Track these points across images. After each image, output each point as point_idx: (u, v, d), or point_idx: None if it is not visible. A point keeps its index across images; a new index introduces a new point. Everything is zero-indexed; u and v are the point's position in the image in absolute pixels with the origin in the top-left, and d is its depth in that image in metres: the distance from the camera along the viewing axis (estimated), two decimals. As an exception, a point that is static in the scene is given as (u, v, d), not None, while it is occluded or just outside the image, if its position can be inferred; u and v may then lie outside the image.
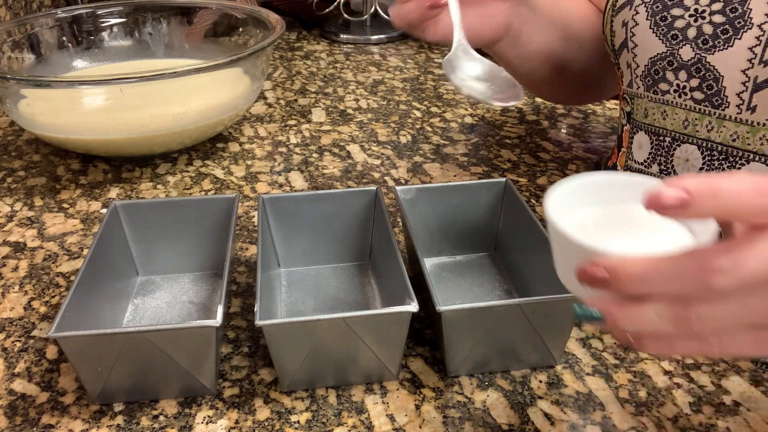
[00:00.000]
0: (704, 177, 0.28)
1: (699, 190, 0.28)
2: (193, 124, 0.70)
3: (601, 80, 0.72)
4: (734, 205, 0.28)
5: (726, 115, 0.49)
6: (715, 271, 0.28)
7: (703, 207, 0.28)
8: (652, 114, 0.55)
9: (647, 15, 0.52)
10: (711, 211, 0.28)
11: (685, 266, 0.29)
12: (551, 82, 0.68)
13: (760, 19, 0.46)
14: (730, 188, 0.28)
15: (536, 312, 0.42)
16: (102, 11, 0.89)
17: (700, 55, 0.49)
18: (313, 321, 0.40)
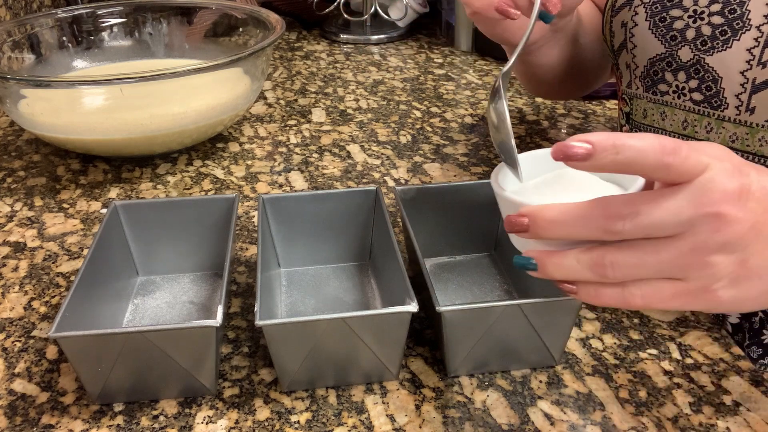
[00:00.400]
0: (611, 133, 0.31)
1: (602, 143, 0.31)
2: (193, 124, 0.70)
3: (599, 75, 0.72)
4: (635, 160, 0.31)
5: (725, 116, 0.49)
6: (615, 216, 0.32)
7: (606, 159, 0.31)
8: (651, 115, 0.54)
9: (646, 16, 0.52)
10: (613, 164, 0.31)
11: (591, 211, 0.32)
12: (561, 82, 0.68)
13: (758, 20, 0.46)
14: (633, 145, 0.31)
15: (536, 312, 0.42)
16: (102, 11, 0.89)
17: (699, 56, 0.49)
18: (313, 321, 0.40)
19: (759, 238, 0.33)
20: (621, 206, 0.32)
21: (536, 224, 0.34)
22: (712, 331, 0.49)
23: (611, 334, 0.49)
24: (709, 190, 0.32)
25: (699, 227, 0.32)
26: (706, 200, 0.32)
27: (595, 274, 0.33)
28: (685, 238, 0.32)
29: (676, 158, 0.31)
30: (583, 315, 0.51)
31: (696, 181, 0.32)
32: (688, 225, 0.32)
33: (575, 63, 0.66)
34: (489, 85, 0.98)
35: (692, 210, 0.32)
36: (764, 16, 0.46)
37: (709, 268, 0.33)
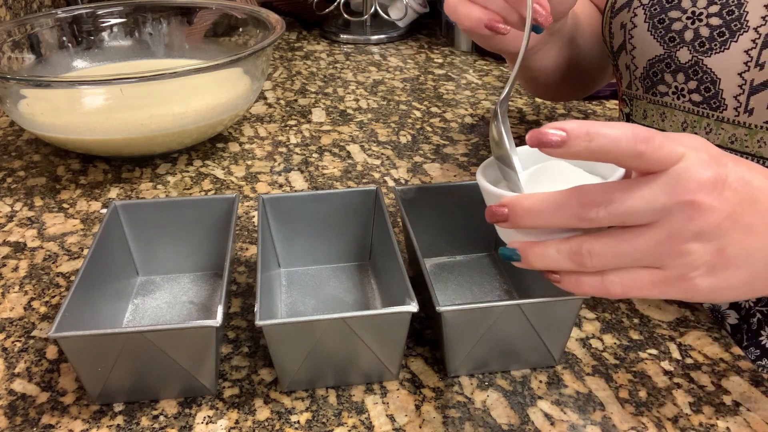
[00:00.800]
0: (585, 122, 0.32)
1: (576, 131, 0.31)
2: (193, 124, 0.70)
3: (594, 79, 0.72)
4: (609, 148, 0.32)
5: (724, 117, 0.49)
6: (590, 204, 0.33)
7: (579, 146, 0.31)
8: (651, 116, 0.55)
9: (645, 17, 0.52)
10: (586, 151, 0.32)
11: (566, 199, 0.33)
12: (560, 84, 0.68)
13: (756, 22, 0.46)
14: (607, 133, 0.31)
15: (536, 312, 0.42)
16: (102, 11, 0.89)
17: (698, 57, 0.49)
18: (313, 321, 0.40)
19: (736, 227, 0.33)
20: (596, 194, 0.33)
21: (515, 213, 0.35)
22: (712, 331, 0.49)
23: (611, 334, 0.49)
24: (684, 179, 0.32)
25: (674, 216, 0.32)
26: (680, 189, 0.32)
27: (574, 263, 0.34)
28: (661, 226, 0.33)
29: (648, 146, 0.32)
30: (583, 315, 0.51)
31: (671, 170, 0.32)
32: (662, 213, 0.33)
33: (574, 65, 0.66)
34: (489, 85, 0.98)
35: (666, 198, 0.32)
36: (762, 17, 0.46)
37: (685, 257, 0.33)
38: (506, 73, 1.04)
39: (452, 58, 1.11)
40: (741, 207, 0.33)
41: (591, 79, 0.72)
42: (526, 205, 0.34)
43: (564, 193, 0.33)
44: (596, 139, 0.31)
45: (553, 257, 0.35)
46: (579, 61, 0.66)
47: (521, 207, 0.34)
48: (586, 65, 0.67)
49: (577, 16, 0.65)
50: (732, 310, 0.54)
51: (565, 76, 0.66)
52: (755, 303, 0.53)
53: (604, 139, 0.31)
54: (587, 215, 0.33)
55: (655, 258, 0.34)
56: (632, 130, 0.32)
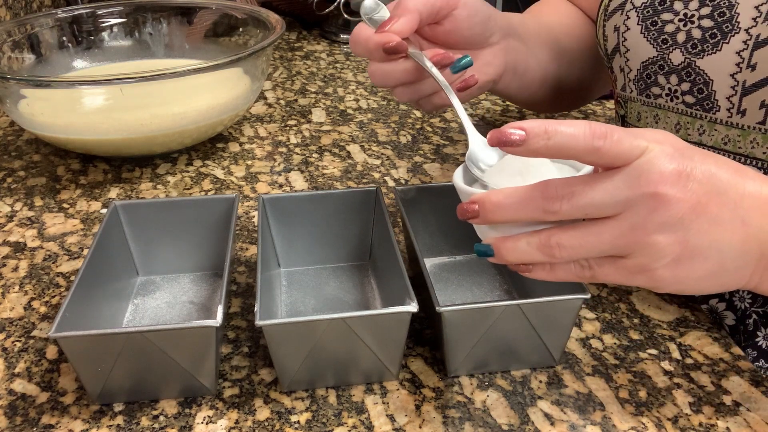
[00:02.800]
0: (544, 120, 0.33)
1: (534, 129, 0.33)
2: (193, 124, 0.70)
3: (597, 84, 0.72)
4: (567, 145, 0.33)
5: (717, 118, 0.49)
6: (553, 197, 0.34)
7: (538, 145, 0.33)
8: (645, 117, 0.55)
9: (638, 20, 0.52)
10: (545, 149, 0.33)
11: (531, 193, 0.35)
12: (551, 99, 0.68)
13: (747, 23, 0.46)
14: (564, 130, 0.33)
15: (536, 312, 0.42)
16: (102, 11, 0.89)
17: (690, 59, 0.49)
18: (313, 321, 0.40)
19: (701, 218, 0.34)
20: (559, 188, 0.34)
21: (484, 209, 0.36)
22: (712, 331, 0.49)
23: (611, 334, 0.49)
24: (646, 171, 0.33)
25: (637, 207, 0.33)
26: (642, 181, 0.33)
27: (545, 254, 0.36)
28: (624, 218, 0.34)
29: (606, 142, 0.33)
30: (583, 315, 0.51)
31: (634, 163, 0.33)
32: (626, 205, 0.33)
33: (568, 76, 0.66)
34: (489, 85, 0.98)
35: (629, 190, 0.33)
36: (753, 19, 0.46)
37: (649, 248, 0.34)
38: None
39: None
40: (707, 198, 0.34)
41: (591, 86, 0.72)
42: (494, 200, 0.36)
43: (529, 188, 0.35)
44: (554, 136, 0.33)
45: (524, 250, 0.36)
46: (572, 73, 0.66)
47: (490, 202, 0.36)
48: (580, 74, 0.68)
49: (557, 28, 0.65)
50: (729, 311, 0.54)
51: (563, 88, 0.67)
52: (751, 304, 0.53)
53: (562, 136, 0.33)
54: (551, 208, 0.34)
55: (621, 249, 0.35)
56: (589, 127, 0.33)
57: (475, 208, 0.37)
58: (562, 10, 0.70)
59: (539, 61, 0.62)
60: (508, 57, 0.58)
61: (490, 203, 0.36)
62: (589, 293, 0.42)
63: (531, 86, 0.63)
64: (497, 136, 0.33)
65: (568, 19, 0.69)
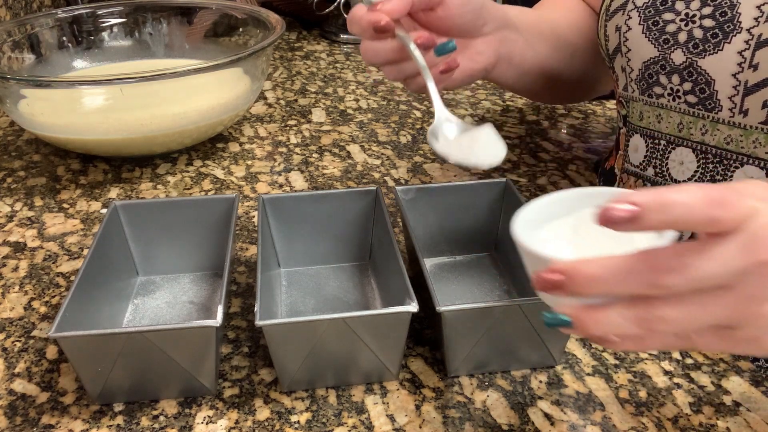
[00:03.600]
0: (654, 190, 0.29)
1: (648, 203, 0.29)
2: (193, 124, 0.70)
3: (599, 79, 0.72)
4: (684, 217, 0.29)
5: (719, 118, 0.49)
6: (664, 270, 0.30)
7: (653, 220, 0.29)
8: (647, 117, 0.55)
9: (640, 20, 0.52)
10: (661, 223, 0.29)
11: (636, 266, 0.30)
12: (549, 90, 0.68)
13: (748, 23, 0.46)
14: (680, 200, 0.29)
15: (536, 312, 0.42)
16: (102, 11, 0.89)
17: (692, 59, 0.49)
18: (313, 321, 0.40)
19: None
20: (669, 259, 0.30)
21: (574, 281, 0.31)
22: (712, 331, 0.49)
23: (611, 334, 0.49)
24: (760, 237, 0.30)
25: (750, 277, 0.30)
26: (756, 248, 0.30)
27: (642, 328, 0.31)
28: (736, 289, 0.30)
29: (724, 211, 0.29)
30: (583, 315, 0.51)
31: (745, 229, 0.30)
32: (739, 276, 0.30)
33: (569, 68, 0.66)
34: (489, 85, 0.98)
35: (744, 260, 0.30)
36: (754, 19, 0.46)
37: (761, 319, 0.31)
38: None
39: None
40: None
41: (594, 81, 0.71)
42: (587, 273, 0.31)
43: (632, 259, 0.30)
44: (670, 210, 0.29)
45: (616, 324, 0.31)
46: (573, 66, 0.66)
47: (581, 274, 0.31)
48: (582, 67, 0.67)
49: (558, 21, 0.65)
50: None
51: (563, 80, 0.66)
52: None
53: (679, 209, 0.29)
54: (661, 282, 0.30)
55: (730, 320, 0.31)
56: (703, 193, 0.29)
57: (560, 280, 0.31)
58: (568, 4, 0.70)
59: (537, 53, 0.62)
60: (502, 48, 0.57)
61: (582, 276, 0.31)
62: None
63: (528, 77, 0.63)
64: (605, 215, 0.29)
65: (573, 13, 0.68)
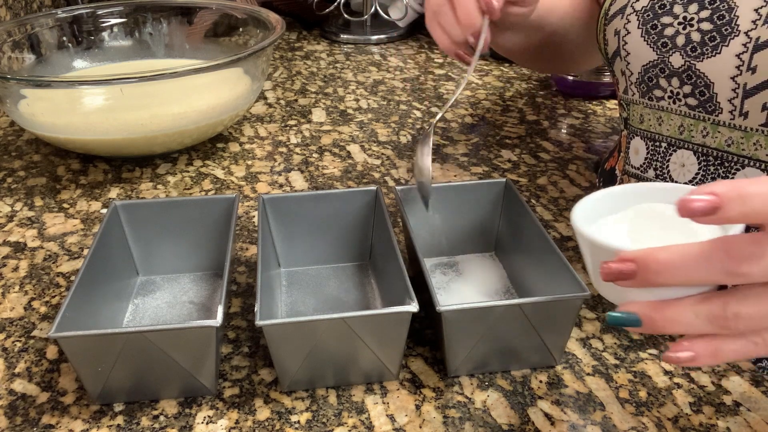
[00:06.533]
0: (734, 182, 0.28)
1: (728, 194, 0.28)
2: (193, 124, 0.70)
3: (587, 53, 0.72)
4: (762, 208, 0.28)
5: (720, 120, 0.49)
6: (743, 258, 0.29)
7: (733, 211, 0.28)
8: (647, 120, 0.55)
9: (638, 23, 0.52)
10: (741, 215, 0.28)
11: (713, 252, 0.29)
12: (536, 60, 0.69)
13: (746, 26, 0.46)
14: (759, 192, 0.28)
15: (536, 312, 0.42)
16: (102, 11, 0.89)
17: (690, 62, 0.49)
18: (313, 321, 0.40)
19: None
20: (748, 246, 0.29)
21: (647, 269, 0.30)
22: (712, 331, 0.49)
23: (611, 334, 0.49)
24: None
25: None
26: None
27: (716, 326, 0.30)
28: None
29: None
30: (583, 315, 0.51)
31: None
32: None
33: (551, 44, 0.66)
34: (489, 85, 0.98)
35: None
36: (752, 22, 0.46)
37: None
38: (506, 72, 1.04)
39: (452, 58, 1.11)
40: None
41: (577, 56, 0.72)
42: (662, 259, 0.30)
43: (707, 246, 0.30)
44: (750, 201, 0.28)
45: (689, 321, 0.31)
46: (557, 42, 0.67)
47: (656, 261, 0.30)
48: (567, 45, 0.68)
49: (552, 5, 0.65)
50: None
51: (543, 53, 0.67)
52: None
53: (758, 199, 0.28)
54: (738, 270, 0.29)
55: None
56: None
57: (632, 268, 0.30)
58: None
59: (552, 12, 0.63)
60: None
61: (656, 262, 0.30)
62: (589, 292, 0.42)
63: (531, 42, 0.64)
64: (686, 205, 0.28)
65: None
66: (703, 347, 0.31)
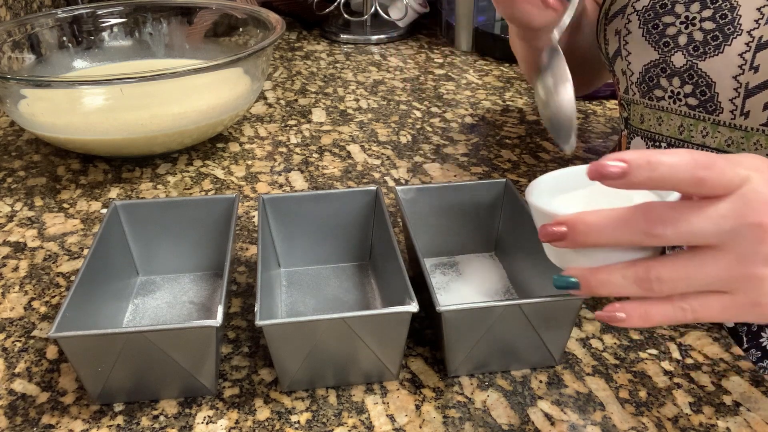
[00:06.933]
0: (644, 151, 0.31)
1: (636, 161, 0.31)
2: (193, 124, 0.70)
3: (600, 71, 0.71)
4: (670, 176, 0.31)
5: (720, 120, 0.49)
6: (658, 221, 0.32)
7: (641, 176, 0.31)
8: (648, 120, 0.55)
9: (639, 23, 0.52)
10: (648, 180, 0.31)
11: (632, 215, 0.32)
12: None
13: (749, 25, 0.46)
14: (667, 161, 0.31)
15: (536, 312, 0.42)
16: (102, 11, 0.89)
17: (692, 61, 0.49)
18: (313, 321, 0.40)
19: None
20: (663, 211, 0.32)
21: (575, 230, 0.33)
22: (712, 331, 0.49)
23: (611, 334, 0.49)
24: (751, 201, 0.31)
25: (742, 238, 0.32)
26: (747, 211, 0.31)
27: (641, 288, 0.33)
28: (730, 249, 0.32)
29: (710, 173, 0.31)
30: (583, 315, 0.51)
31: (738, 192, 0.31)
32: (730, 235, 0.32)
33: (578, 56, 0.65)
34: (489, 85, 0.98)
35: (734, 220, 0.31)
36: (755, 21, 0.46)
37: (757, 281, 0.32)
38: (506, 72, 1.04)
39: (452, 58, 1.11)
40: None
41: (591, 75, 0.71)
42: (589, 221, 0.33)
43: (630, 209, 0.33)
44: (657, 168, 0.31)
45: (618, 283, 0.34)
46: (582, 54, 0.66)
47: (582, 222, 0.33)
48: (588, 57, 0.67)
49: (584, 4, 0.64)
50: None
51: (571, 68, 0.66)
52: None
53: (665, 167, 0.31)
54: (654, 231, 0.32)
55: (725, 283, 0.33)
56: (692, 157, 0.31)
57: (563, 230, 0.34)
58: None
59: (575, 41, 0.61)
60: None
61: (583, 224, 0.33)
62: (589, 293, 0.42)
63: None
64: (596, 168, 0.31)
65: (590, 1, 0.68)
66: (633, 308, 0.34)
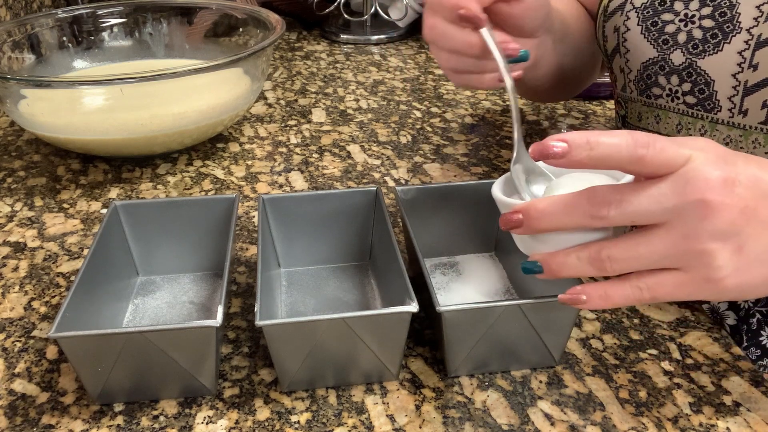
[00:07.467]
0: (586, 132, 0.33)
1: (577, 141, 0.33)
2: (193, 124, 0.70)
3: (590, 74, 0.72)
4: (610, 155, 0.33)
5: (718, 119, 0.49)
6: (603, 203, 0.34)
7: (581, 155, 0.33)
8: (645, 118, 0.55)
9: (638, 21, 0.52)
10: (588, 159, 0.33)
11: (578, 200, 0.34)
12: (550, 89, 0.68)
13: (748, 23, 0.46)
14: (607, 141, 0.33)
15: (536, 312, 0.42)
16: (102, 11, 0.89)
17: (691, 59, 0.49)
18: (313, 321, 0.40)
19: (752, 222, 0.34)
20: (607, 194, 0.34)
21: (528, 217, 0.36)
22: (712, 331, 0.49)
23: (611, 334, 0.49)
24: (692, 179, 0.33)
25: (686, 215, 0.33)
26: (689, 188, 0.33)
27: (595, 268, 0.35)
28: (675, 226, 0.33)
29: (649, 151, 0.33)
30: (583, 315, 0.51)
31: (680, 171, 0.33)
32: (674, 213, 0.33)
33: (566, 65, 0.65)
34: (489, 85, 0.98)
35: (677, 198, 0.33)
36: (754, 19, 0.46)
37: (705, 257, 0.34)
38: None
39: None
40: (754, 202, 0.34)
41: (580, 79, 0.71)
42: (539, 208, 0.35)
43: (575, 194, 0.35)
44: (597, 147, 0.33)
45: (574, 264, 0.36)
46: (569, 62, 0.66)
47: (534, 209, 0.36)
48: (576, 65, 0.67)
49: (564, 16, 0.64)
50: (731, 311, 0.54)
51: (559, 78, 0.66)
52: (755, 303, 0.53)
53: (605, 146, 0.33)
54: (598, 213, 0.34)
55: (675, 259, 0.34)
56: (632, 137, 0.33)
57: (519, 218, 0.36)
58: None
59: (557, 55, 0.60)
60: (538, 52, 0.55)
61: (534, 210, 0.36)
62: (589, 293, 0.42)
63: (539, 78, 0.61)
64: (539, 149, 0.33)
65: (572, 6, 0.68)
66: (593, 290, 0.36)
